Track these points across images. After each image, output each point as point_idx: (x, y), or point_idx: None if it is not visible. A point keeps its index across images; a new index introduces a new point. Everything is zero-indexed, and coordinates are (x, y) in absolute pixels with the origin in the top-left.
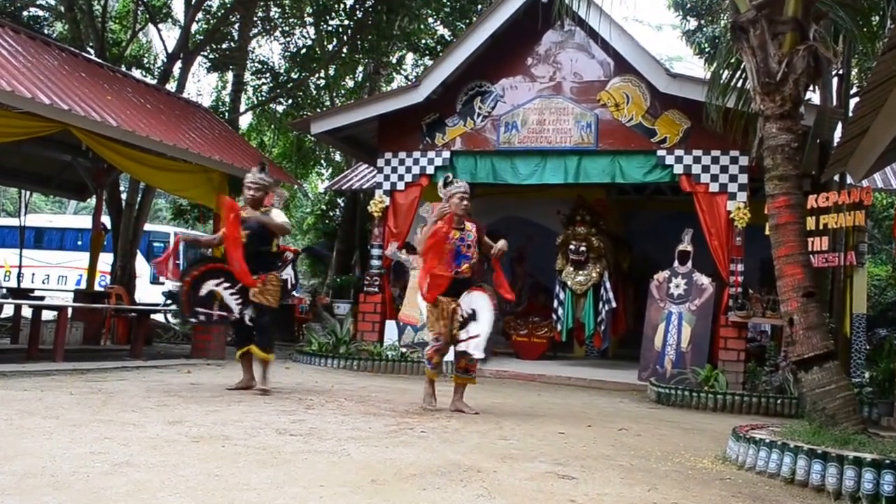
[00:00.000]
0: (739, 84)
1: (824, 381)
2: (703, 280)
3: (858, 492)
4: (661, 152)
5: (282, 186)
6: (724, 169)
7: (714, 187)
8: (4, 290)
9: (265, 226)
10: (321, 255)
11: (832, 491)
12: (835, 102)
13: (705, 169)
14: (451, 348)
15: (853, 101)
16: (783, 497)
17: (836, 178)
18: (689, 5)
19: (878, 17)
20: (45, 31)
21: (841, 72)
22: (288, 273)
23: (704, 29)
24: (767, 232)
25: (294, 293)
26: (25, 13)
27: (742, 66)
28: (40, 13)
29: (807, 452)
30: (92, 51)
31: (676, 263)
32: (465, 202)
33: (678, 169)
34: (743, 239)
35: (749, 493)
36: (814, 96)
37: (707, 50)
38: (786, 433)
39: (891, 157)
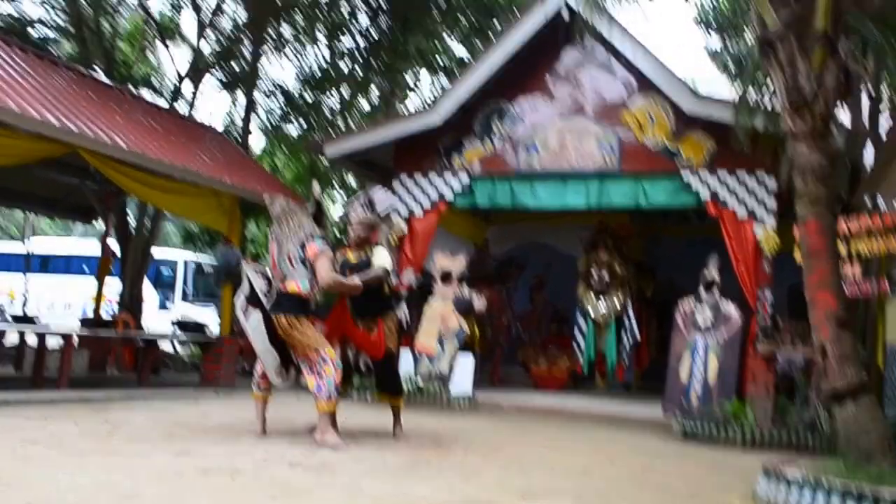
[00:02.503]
0: (768, 104)
1: (859, 416)
2: (731, 309)
3: None
4: (686, 175)
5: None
6: (751, 193)
7: (741, 212)
8: (8, 317)
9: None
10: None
11: None
12: (866, 122)
13: (732, 193)
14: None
15: (883, 120)
16: None
17: (868, 201)
18: (713, 23)
19: None
20: (53, 51)
21: (871, 91)
22: (402, 311)
23: (729, 48)
24: (798, 258)
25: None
26: (33, 31)
27: (770, 85)
28: (48, 33)
29: (841, 492)
30: (100, 71)
31: (702, 291)
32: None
33: (704, 193)
34: (771, 266)
35: None
36: (843, 116)
37: (732, 70)
38: (819, 470)
39: None
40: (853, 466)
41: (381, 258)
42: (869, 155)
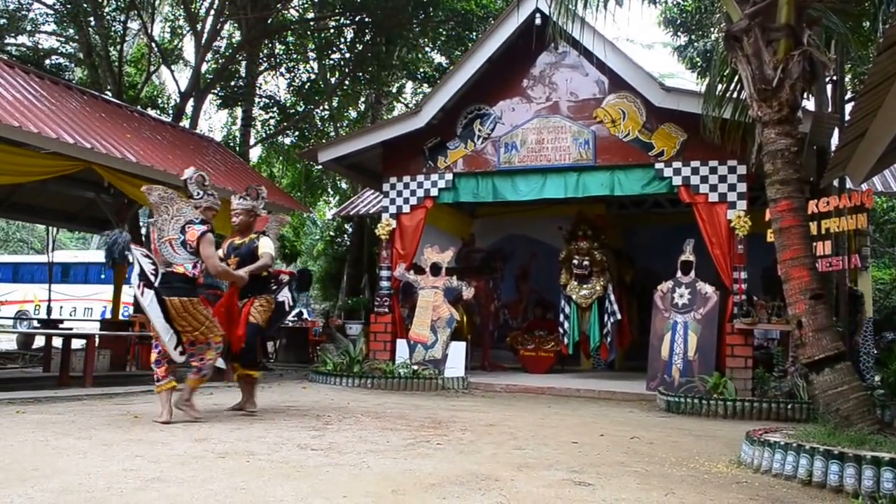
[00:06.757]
0: (735, 95)
1: (836, 383)
2: (707, 289)
3: (878, 492)
4: (658, 165)
5: (290, 214)
6: (722, 179)
7: (713, 197)
8: (36, 322)
9: (254, 256)
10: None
11: (851, 491)
12: (830, 108)
13: (703, 179)
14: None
15: (848, 107)
16: (802, 499)
17: (836, 183)
18: (679, 21)
19: (869, 23)
20: (67, 77)
21: (834, 78)
22: (285, 295)
23: (695, 44)
24: (770, 238)
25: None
26: (48, 61)
27: (736, 77)
28: (62, 61)
29: (823, 454)
30: (109, 93)
31: (679, 273)
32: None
33: (676, 181)
34: (745, 247)
35: (768, 496)
36: (808, 103)
37: (699, 64)
38: (800, 435)
39: (890, 159)
40: (833, 430)
41: (266, 246)
42: (836, 139)
